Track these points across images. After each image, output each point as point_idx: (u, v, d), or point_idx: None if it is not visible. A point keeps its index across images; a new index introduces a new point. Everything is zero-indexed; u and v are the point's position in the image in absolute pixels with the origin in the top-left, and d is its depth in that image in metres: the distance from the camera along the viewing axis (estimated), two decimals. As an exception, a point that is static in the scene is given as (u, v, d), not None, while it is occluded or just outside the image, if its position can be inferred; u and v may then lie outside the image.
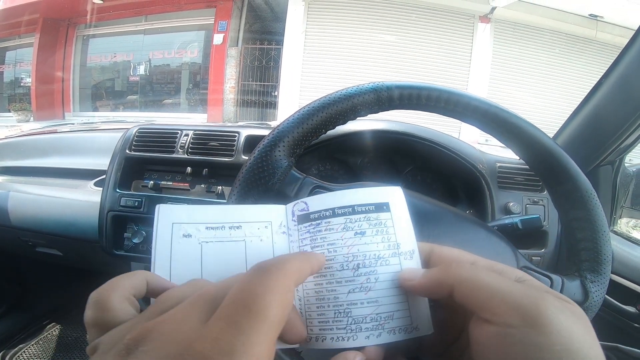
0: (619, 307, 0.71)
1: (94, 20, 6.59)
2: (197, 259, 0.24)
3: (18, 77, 7.28)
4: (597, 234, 0.38)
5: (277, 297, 0.17)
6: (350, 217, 0.25)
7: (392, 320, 0.23)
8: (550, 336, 0.17)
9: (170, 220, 0.24)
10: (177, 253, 0.24)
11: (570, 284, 0.37)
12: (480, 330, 0.20)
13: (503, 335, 0.18)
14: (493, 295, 0.19)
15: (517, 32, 5.41)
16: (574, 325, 0.18)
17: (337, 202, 0.26)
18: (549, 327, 0.17)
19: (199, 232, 0.24)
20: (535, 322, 0.17)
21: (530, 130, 0.40)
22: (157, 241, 0.24)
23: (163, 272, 0.23)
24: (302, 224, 0.26)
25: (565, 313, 0.18)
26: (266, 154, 0.37)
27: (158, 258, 0.23)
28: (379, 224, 0.25)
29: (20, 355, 1.15)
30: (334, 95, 0.40)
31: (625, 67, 0.67)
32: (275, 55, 5.78)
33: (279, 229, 0.26)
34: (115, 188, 0.76)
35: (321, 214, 0.26)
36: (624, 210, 0.84)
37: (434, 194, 0.79)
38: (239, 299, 0.16)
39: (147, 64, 6.65)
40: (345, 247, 0.24)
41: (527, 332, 0.17)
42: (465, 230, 0.40)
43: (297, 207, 0.27)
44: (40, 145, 1.06)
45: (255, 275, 0.18)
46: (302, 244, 0.25)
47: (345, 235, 0.25)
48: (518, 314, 0.18)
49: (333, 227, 0.25)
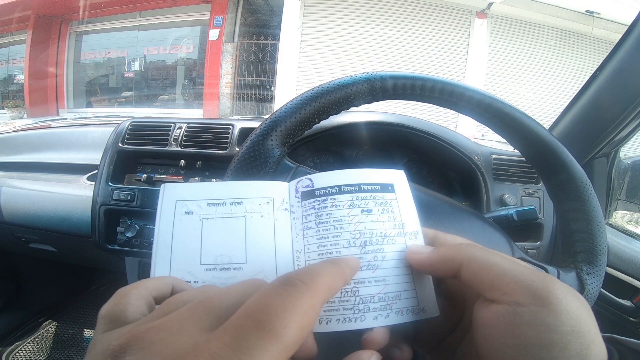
0: (615, 301, 0.71)
1: (88, 17, 6.51)
2: (197, 235, 0.24)
3: (11, 74, 7.19)
4: (592, 225, 0.38)
5: (298, 317, 0.15)
6: (357, 195, 0.25)
7: (399, 301, 0.22)
8: (559, 316, 0.17)
9: (174, 198, 0.25)
10: (178, 230, 0.24)
11: (566, 275, 0.37)
12: (486, 312, 0.19)
13: (512, 314, 0.18)
14: (503, 274, 0.19)
15: (514, 28, 5.42)
16: (582, 308, 0.18)
17: (344, 179, 0.26)
18: (559, 306, 0.17)
19: (200, 208, 0.24)
20: (545, 301, 0.17)
21: (525, 120, 0.40)
22: (160, 219, 0.24)
23: (164, 249, 0.23)
24: (306, 200, 0.26)
25: (573, 295, 0.18)
26: (258, 142, 0.37)
27: (161, 235, 0.23)
28: (385, 203, 0.25)
29: (17, 353, 1.15)
30: (328, 85, 0.40)
31: (620, 60, 0.67)
32: (272, 50, 5.75)
33: (281, 205, 0.26)
34: (108, 182, 0.75)
35: (327, 191, 0.26)
36: (619, 202, 0.84)
37: (429, 185, 0.78)
38: (252, 313, 0.15)
39: (142, 60, 6.59)
40: (352, 224, 0.24)
41: (536, 312, 0.17)
42: (460, 220, 0.39)
43: (302, 184, 0.26)
44: (32, 140, 1.05)
45: (278, 288, 0.16)
46: (305, 220, 0.25)
47: (352, 212, 0.24)
48: (528, 293, 0.18)
49: (340, 203, 0.25)
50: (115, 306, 0.18)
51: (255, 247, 0.24)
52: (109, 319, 0.18)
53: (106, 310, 0.18)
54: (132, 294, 0.19)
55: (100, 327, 0.18)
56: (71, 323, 1.29)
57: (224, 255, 0.23)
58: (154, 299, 0.20)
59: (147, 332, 0.15)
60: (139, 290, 0.19)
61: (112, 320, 0.18)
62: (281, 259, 0.24)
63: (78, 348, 1.20)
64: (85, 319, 1.32)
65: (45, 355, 1.17)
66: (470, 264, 0.20)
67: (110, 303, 0.19)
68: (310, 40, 5.53)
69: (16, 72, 7.06)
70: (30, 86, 6.46)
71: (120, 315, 0.18)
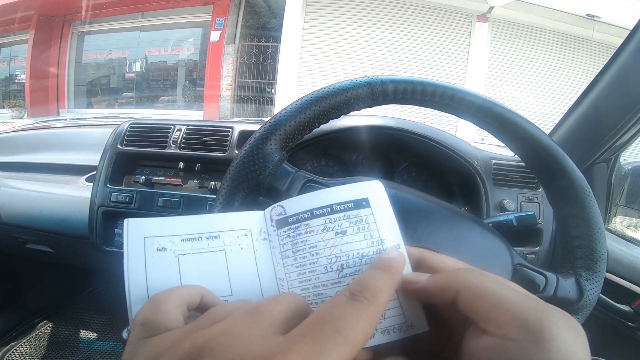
0: (614, 306, 0.71)
1: (90, 17, 6.52)
2: (175, 272, 0.23)
3: (12, 73, 7.20)
4: (592, 231, 0.38)
5: (367, 328, 0.17)
6: (330, 217, 0.24)
7: (383, 320, 0.22)
8: (550, 353, 0.16)
9: (142, 234, 0.23)
10: (152, 268, 0.23)
11: (565, 281, 0.37)
12: (476, 342, 0.19)
13: (500, 349, 0.17)
14: (497, 305, 0.18)
15: (515, 32, 5.43)
16: (576, 344, 0.17)
17: (315, 202, 0.25)
18: (551, 343, 0.17)
19: (174, 244, 0.23)
20: (537, 336, 0.17)
21: (525, 125, 0.40)
22: (129, 256, 0.22)
23: (139, 287, 0.22)
24: (281, 229, 0.25)
25: (569, 330, 0.17)
26: (257, 147, 0.37)
27: (132, 273, 0.22)
28: (360, 221, 0.24)
29: (12, 354, 1.14)
30: (328, 89, 0.39)
31: (621, 65, 0.67)
32: (273, 52, 5.76)
33: (259, 235, 0.25)
34: (106, 183, 0.74)
35: (299, 217, 0.25)
36: (618, 208, 0.84)
37: (429, 190, 0.78)
38: (330, 321, 0.17)
39: (143, 61, 6.60)
40: (327, 248, 0.23)
41: (526, 347, 0.17)
42: (459, 226, 0.39)
43: (275, 212, 0.26)
44: (31, 140, 1.05)
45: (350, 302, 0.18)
46: (283, 250, 0.25)
47: (326, 237, 0.24)
48: (521, 327, 0.17)
49: (313, 229, 0.24)
50: (154, 313, 0.19)
51: (239, 279, 0.24)
52: (149, 325, 0.18)
53: (144, 317, 0.19)
54: (168, 301, 0.20)
55: (137, 333, 0.18)
56: (67, 324, 1.28)
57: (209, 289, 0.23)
58: (187, 306, 0.21)
59: (220, 335, 0.16)
60: (174, 297, 0.20)
61: (152, 327, 0.18)
62: (266, 288, 0.24)
63: (74, 349, 1.19)
64: (82, 320, 1.31)
65: (41, 356, 1.16)
66: (465, 291, 0.20)
67: (147, 309, 0.19)
68: (311, 43, 5.54)
69: (17, 72, 7.08)
70: (31, 86, 6.47)
71: (162, 322, 0.18)
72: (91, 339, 1.25)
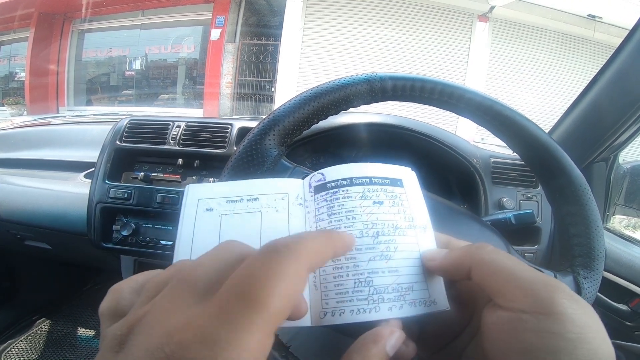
0: (612, 305, 0.71)
1: (90, 15, 6.51)
2: (216, 231, 0.24)
3: (12, 71, 7.19)
4: (591, 229, 0.38)
5: (282, 284, 0.15)
6: (369, 187, 0.25)
7: (412, 292, 0.22)
8: (564, 324, 0.17)
9: (197, 197, 0.26)
10: (199, 226, 0.24)
11: (563, 279, 0.37)
12: (494, 317, 0.19)
13: (516, 321, 0.18)
14: (508, 280, 0.19)
15: (516, 31, 5.42)
16: (587, 316, 0.18)
17: (355, 172, 0.26)
18: (563, 315, 0.17)
19: (220, 205, 0.25)
20: (549, 309, 0.17)
21: (524, 123, 0.39)
22: (184, 217, 0.25)
23: (185, 245, 0.24)
24: (318, 194, 0.26)
25: (578, 302, 0.18)
26: (256, 142, 0.37)
27: (183, 232, 0.24)
28: (395, 196, 0.26)
29: (10, 351, 1.14)
30: (327, 85, 0.39)
31: (621, 64, 0.67)
32: (273, 51, 5.75)
33: (296, 200, 0.26)
34: (105, 179, 0.74)
35: (339, 183, 0.26)
36: (617, 207, 0.84)
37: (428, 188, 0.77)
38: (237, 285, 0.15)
39: (144, 59, 6.59)
40: (365, 214, 0.24)
41: (540, 319, 0.17)
42: (459, 223, 0.39)
43: (314, 179, 0.27)
44: (30, 137, 1.05)
45: (262, 257, 0.16)
46: (318, 213, 0.25)
47: (363, 204, 0.25)
48: (533, 301, 0.18)
49: (351, 194, 0.25)
50: (111, 302, 0.19)
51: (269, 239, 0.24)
52: (108, 315, 0.19)
53: (103, 308, 0.19)
54: (124, 289, 0.20)
55: (103, 324, 0.19)
56: (65, 322, 1.28)
57: None
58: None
59: (144, 316, 0.16)
60: (130, 284, 0.20)
61: (111, 316, 0.18)
62: None
63: (71, 347, 1.19)
64: (80, 318, 1.31)
65: (38, 354, 1.16)
66: (478, 267, 0.21)
67: (106, 300, 0.19)
68: (311, 42, 5.54)
69: (17, 69, 7.06)
70: (31, 83, 6.45)
71: (118, 310, 0.19)
72: (89, 337, 1.25)
